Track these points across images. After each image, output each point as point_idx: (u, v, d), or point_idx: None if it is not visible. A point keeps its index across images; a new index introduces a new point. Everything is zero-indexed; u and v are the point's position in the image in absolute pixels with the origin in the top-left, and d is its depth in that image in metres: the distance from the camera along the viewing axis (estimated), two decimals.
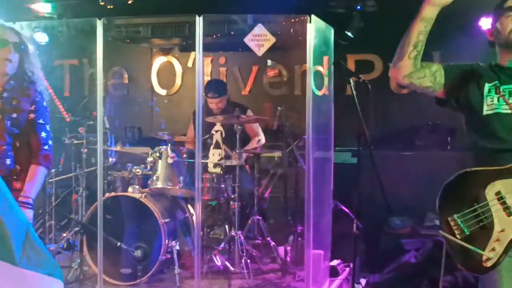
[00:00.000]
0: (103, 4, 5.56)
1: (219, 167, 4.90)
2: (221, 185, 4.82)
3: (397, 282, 4.34)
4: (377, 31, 5.74)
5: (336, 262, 4.62)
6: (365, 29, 5.71)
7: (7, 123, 2.77)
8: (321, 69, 4.45)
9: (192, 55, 6.84)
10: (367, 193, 3.85)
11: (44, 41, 5.20)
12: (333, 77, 4.39)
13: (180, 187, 4.60)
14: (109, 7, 5.57)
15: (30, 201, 2.74)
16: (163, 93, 7.15)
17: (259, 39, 4.11)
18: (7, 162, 2.76)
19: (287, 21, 4.95)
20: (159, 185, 4.59)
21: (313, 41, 3.93)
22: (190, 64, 6.96)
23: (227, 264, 4.59)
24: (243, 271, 4.47)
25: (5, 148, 2.76)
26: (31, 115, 2.84)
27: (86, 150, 4.98)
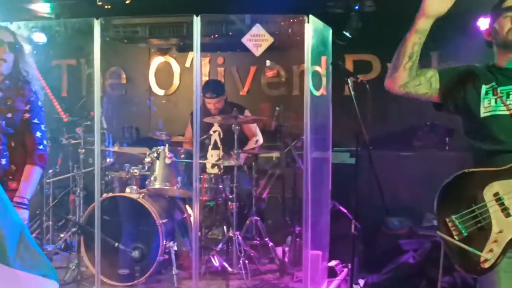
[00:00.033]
0: (101, 4, 5.55)
1: (217, 168, 4.90)
2: (219, 186, 4.82)
3: (395, 282, 4.32)
4: (375, 31, 5.74)
5: (334, 262, 4.62)
6: (363, 29, 5.72)
7: (2, 123, 2.76)
8: (319, 69, 4.45)
9: (190, 55, 6.83)
10: (365, 194, 3.84)
11: (42, 41, 5.19)
12: (331, 77, 4.39)
13: (178, 187, 4.59)
14: (106, 7, 5.56)
15: (25, 202, 2.74)
16: (161, 93, 7.14)
17: (257, 39, 4.09)
18: (3, 162, 2.76)
19: (285, 21, 4.95)
20: (157, 185, 4.58)
21: (311, 41, 3.92)
22: (188, 64, 6.95)
23: (225, 264, 4.59)
24: (241, 271, 4.46)
25: (0, 148, 2.75)
26: (26, 114, 2.83)
27: (83, 150, 4.98)
